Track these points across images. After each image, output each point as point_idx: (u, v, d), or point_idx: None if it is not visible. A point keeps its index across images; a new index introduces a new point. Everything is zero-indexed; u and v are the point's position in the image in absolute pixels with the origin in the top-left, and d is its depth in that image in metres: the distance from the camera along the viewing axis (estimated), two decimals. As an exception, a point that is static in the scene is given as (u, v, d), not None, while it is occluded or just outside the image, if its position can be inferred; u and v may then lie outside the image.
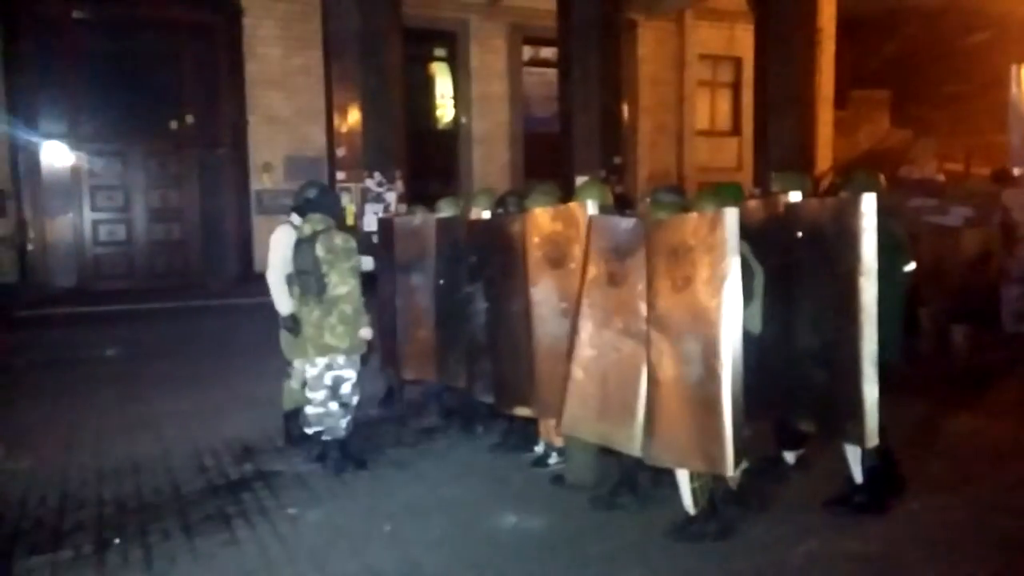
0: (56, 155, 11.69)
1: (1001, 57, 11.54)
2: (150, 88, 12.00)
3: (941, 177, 9.63)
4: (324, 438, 4.68)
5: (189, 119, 12.21)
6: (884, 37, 18.36)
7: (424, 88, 14.60)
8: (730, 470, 3.43)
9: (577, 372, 4.04)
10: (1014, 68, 9.26)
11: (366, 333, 4.69)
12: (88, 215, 11.85)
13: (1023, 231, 7.15)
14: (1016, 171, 7.76)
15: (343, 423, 4.67)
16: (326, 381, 4.64)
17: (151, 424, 5.66)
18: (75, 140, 11.73)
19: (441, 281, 5.41)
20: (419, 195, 10.10)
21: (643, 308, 3.75)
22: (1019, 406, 5.79)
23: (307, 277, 4.56)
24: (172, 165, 12.31)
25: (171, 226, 12.34)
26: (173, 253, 12.37)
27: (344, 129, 11.23)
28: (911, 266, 3.93)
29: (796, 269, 3.75)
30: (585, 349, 4.01)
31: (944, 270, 7.44)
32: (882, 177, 4.15)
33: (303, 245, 4.57)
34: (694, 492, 3.68)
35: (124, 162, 12.04)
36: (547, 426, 4.61)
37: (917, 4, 17.81)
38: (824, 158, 14.93)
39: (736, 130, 16.58)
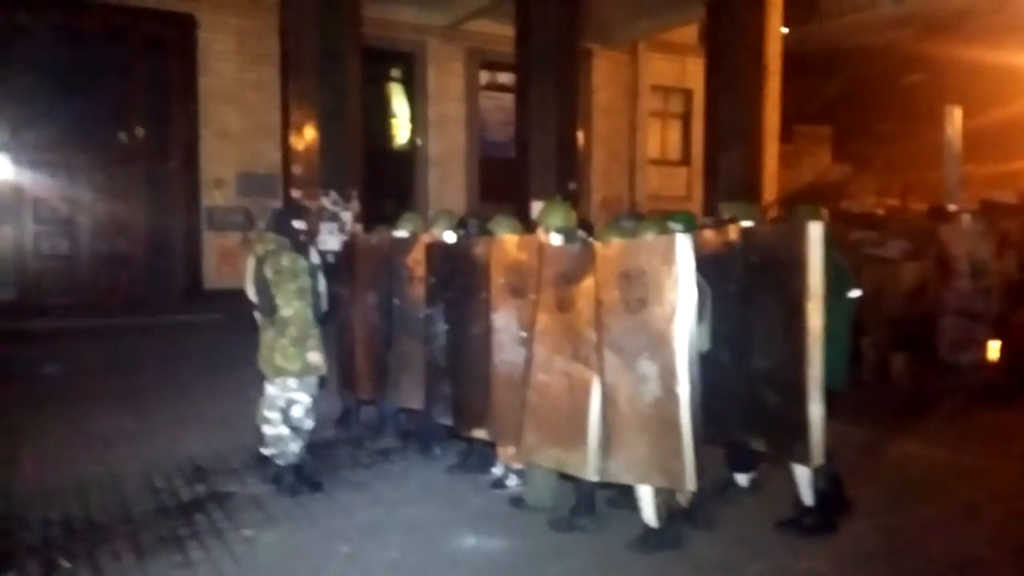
0: (-3, 165, 11.30)
1: (936, 97, 12.13)
2: (98, 99, 11.69)
3: (880, 211, 10.05)
4: (277, 461, 4.64)
5: (139, 132, 11.93)
6: (827, 75, 19.17)
7: (380, 108, 14.60)
8: (692, 484, 3.53)
9: (532, 398, 4.09)
10: (948, 109, 9.76)
11: (313, 357, 4.58)
12: (30, 227, 11.44)
13: (959, 264, 7.50)
14: (951, 208, 8.14)
15: (293, 447, 4.62)
16: (279, 403, 4.61)
17: (96, 443, 5.49)
18: (17, 150, 11.33)
19: (396, 301, 5.41)
20: (375, 215, 10.06)
21: (590, 333, 3.83)
22: (954, 433, 6.03)
23: (262, 298, 4.57)
24: (119, 178, 11.96)
25: (117, 240, 11.95)
26: (119, 268, 11.97)
27: (300, 147, 11.13)
28: (856, 293, 4.09)
29: (750, 293, 3.89)
30: (539, 375, 4.08)
31: (883, 300, 7.75)
32: (824, 210, 4.36)
33: (258, 266, 4.59)
34: (658, 507, 3.77)
35: (69, 174, 11.67)
36: (506, 448, 4.64)
37: (858, 44, 18.66)
38: (770, 190, 15.45)
39: (686, 160, 17.00)
